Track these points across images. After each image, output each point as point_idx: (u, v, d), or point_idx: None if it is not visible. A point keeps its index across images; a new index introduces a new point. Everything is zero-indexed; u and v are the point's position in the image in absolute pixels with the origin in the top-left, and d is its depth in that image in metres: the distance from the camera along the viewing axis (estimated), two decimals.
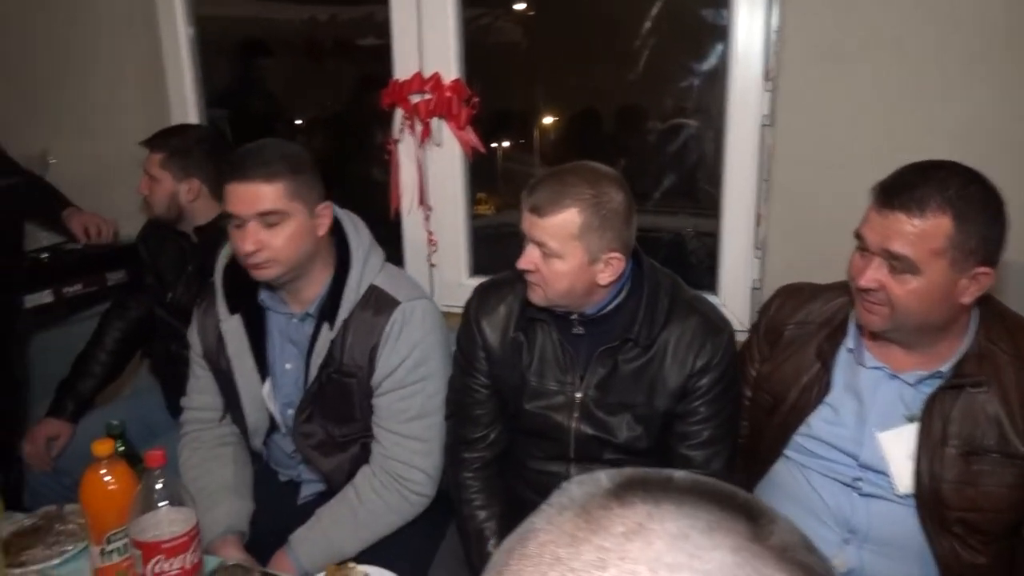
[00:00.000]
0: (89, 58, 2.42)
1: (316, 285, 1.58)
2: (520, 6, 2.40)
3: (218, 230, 2.01)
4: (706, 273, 2.09)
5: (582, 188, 1.35)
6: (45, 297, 2.08)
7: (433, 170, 2.19)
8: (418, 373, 1.57)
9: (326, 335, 1.55)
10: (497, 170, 2.57)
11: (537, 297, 1.45)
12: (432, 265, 2.28)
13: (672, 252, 2.28)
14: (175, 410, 2.16)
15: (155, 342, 2.20)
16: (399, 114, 2.14)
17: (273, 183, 1.44)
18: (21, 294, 1.95)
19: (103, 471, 1.25)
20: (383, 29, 2.16)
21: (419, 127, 2.14)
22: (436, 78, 2.08)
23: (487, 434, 1.60)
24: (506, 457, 1.63)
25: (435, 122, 2.12)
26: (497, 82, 2.38)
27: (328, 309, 1.57)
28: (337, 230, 1.61)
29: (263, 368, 1.64)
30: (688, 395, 1.47)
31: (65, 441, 2.06)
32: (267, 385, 1.64)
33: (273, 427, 1.70)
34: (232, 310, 1.63)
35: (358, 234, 1.62)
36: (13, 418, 2.06)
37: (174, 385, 2.13)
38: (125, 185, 2.47)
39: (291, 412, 1.67)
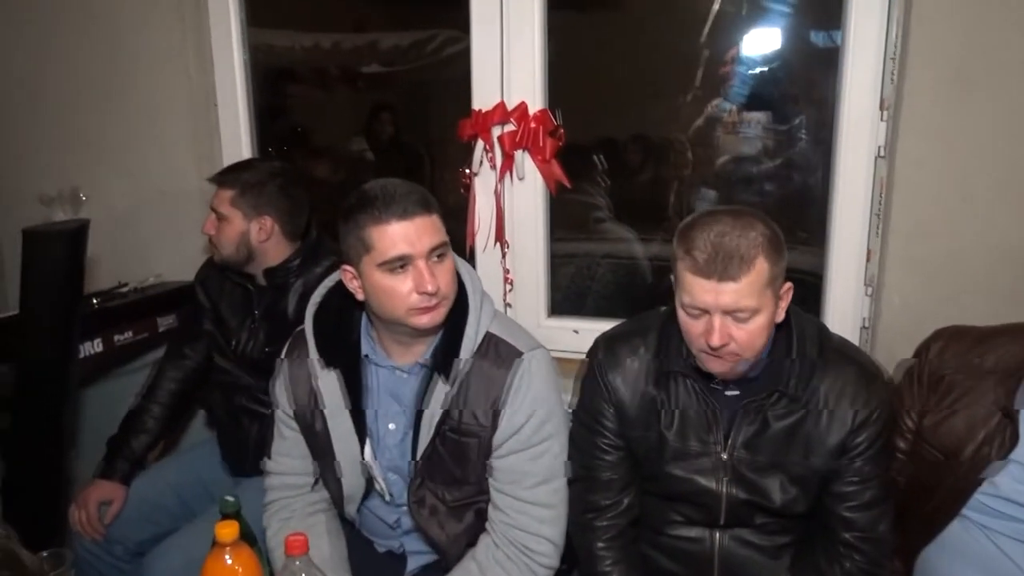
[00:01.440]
0: (130, 91, 2.26)
1: (431, 335, 1.43)
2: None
3: (288, 272, 1.86)
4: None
5: (752, 232, 1.23)
6: (95, 346, 1.90)
7: (512, 204, 2.06)
8: (544, 431, 1.42)
9: (441, 389, 1.40)
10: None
11: (725, 367, 1.30)
12: (508, 305, 2.13)
13: None
14: (234, 468, 1.99)
15: (214, 393, 2.02)
16: (480, 146, 2.01)
17: (434, 214, 1.34)
18: (77, 343, 1.77)
19: (228, 557, 1.09)
20: (387, 57, 2.03)
21: (499, 160, 2.01)
22: (522, 108, 1.96)
23: (620, 499, 1.45)
24: (638, 523, 1.47)
25: (518, 154, 1.99)
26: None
27: (442, 360, 1.41)
28: None
29: (362, 428, 1.48)
30: (847, 452, 1.34)
31: (119, 507, 1.87)
32: (368, 447, 1.48)
33: (367, 493, 1.54)
34: (327, 363, 1.47)
35: (471, 276, 1.48)
36: (60, 481, 1.86)
37: (234, 440, 1.96)
38: (164, 222, 2.33)
39: (394, 477, 1.50)
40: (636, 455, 1.44)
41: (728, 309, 1.24)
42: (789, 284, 1.30)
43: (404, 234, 1.31)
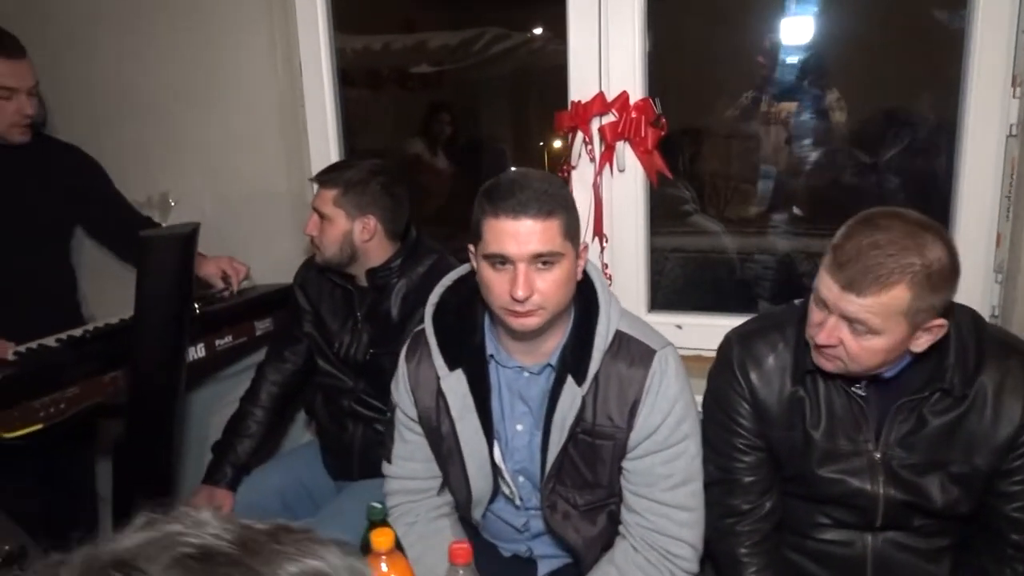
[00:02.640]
0: (221, 94, 2.25)
1: (558, 334, 1.39)
2: None
3: (390, 272, 1.83)
4: None
5: (909, 258, 1.14)
6: (198, 351, 1.89)
7: (611, 197, 2.00)
8: (681, 432, 1.36)
9: (572, 391, 1.35)
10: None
11: (833, 367, 1.26)
12: None
13: None
14: (337, 471, 1.98)
15: (315, 396, 2.00)
16: (579, 138, 1.96)
17: (551, 220, 1.25)
18: (187, 349, 1.76)
19: (384, 565, 1.05)
20: (435, 57, 1.98)
21: (598, 152, 1.96)
22: (623, 98, 1.90)
23: (762, 503, 1.38)
24: (781, 527, 1.41)
25: (619, 146, 1.93)
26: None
27: (572, 360, 1.36)
28: None
29: (489, 430, 1.43)
30: (1016, 449, 1.26)
31: (227, 512, 1.85)
32: (496, 449, 1.44)
33: (493, 496, 1.50)
34: (451, 365, 1.43)
35: (598, 273, 1.43)
36: (169, 487, 1.86)
37: (337, 444, 1.94)
38: (253, 225, 2.31)
39: (522, 479, 1.46)
40: (778, 456, 1.38)
41: (846, 316, 1.18)
42: (943, 322, 1.20)
43: (511, 233, 1.26)
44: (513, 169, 1.34)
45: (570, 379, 1.35)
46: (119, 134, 2.35)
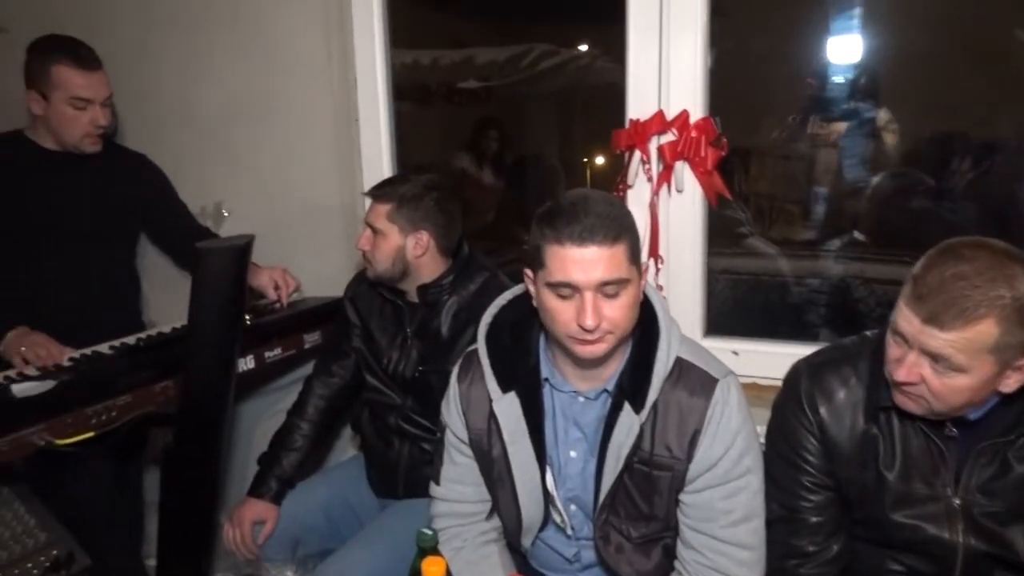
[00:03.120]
0: (276, 106, 2.26)
1: (617, 359, 1.34)
2: None
3: (441, 289, 1.81)
4: None
5: (997, 290, 1.08)
6: (247, 363, 1.89)
7: (667, 218, 1.95)
8: (743, 465, 1.31)
9: (630, 418, 1.30)
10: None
11: (917, 408, 1.19)
12: None
13: None
14: (381, 489, 1.95)
15: (362, 412, 1.98)
16: (636, 157, 1.92)
17: (617, 245, 1.22)
18: (237, 360, 1.76)
19: None
20: (483, 72, 1.94)
21: (656, 171, 1.91)
22: (684, 117, 1.85)
23: (828, 545, 1.32)
24: (849, 572, 1.34)
25: (677, 165, 1.89)
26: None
27: (630, 387, 1.32)
28: None
29: (542, 455, 1.39)
30: None
31: (272, 527, 1.85)
32: (549, 476, 1.40)
33: (543, 524, 1.45)
34: (505, 387, 1.39)
35: (658, 297, 1.38)
36: (215, 498, 1.86)
37: (383, 461, 1.92)
38: (305, 238, 2.32)
39: (573, 508, 1.42)
40: (847, 496, 1.31)
41: (928, 351, 1.12)
42: None
43: (577, 261, 1.21)
44: (573, 191, 1.29)
45: (627, 406, 1.31)
46: (175, 144, 2.38)
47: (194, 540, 1.88)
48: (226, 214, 2.39)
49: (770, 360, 1.90)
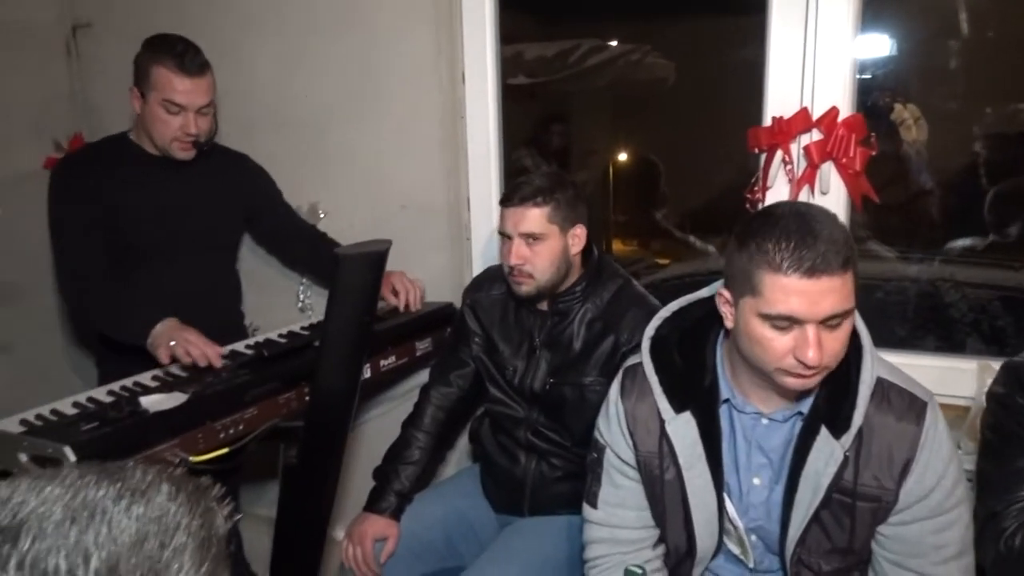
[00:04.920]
0: (380, 104, 2.17)
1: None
2: None
3: (573, 297, 1.71)
4: None
5: None
6: (365, 372, 1.80)
7: None
8: (956, 496, 1.19)
9: (829, 445, 1.19)
10: None
11: None
12: None
13: None
14: (500, 505, 1.86)
15: (482, 423, 1.89)
16: (777, 158, 1.80)
17: (847, 274, 1.11)
18: (362, 370, 1.67)
19: None
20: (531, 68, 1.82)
21: (799, 172, 1.80)
22: (832, 114, 1.73)
23: None
24: None
25: (823, 166, 1.77)
26: None
27: (828, 409, 1.21)
28: None
29: (719, 481, 1.29)
30: None
31: (394, 545, 1.76)
32: (729, 503, 1.29)
33: (714, 554, 1.35)
34: (678, 407, 1.29)
35: (856, 312, 1.27)
36: (329, 511, 1.77)
37: (506, 477, 1.82)
38: (407, 239, 2.21)
39: (754, 538, 1.31)
40: None
41: None
42: None
43: (803, 293, 1.08)
44: (786, 204, 1.18)
45: (824, 431, 1.20)
46: (271, 142, 2.29)
47: (309, 557, 1.81)
48: (322, 215, 2.30)
49: (918, 374, 1.78)
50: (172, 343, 1.64)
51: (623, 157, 2.87)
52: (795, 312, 1.09)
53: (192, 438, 1.47)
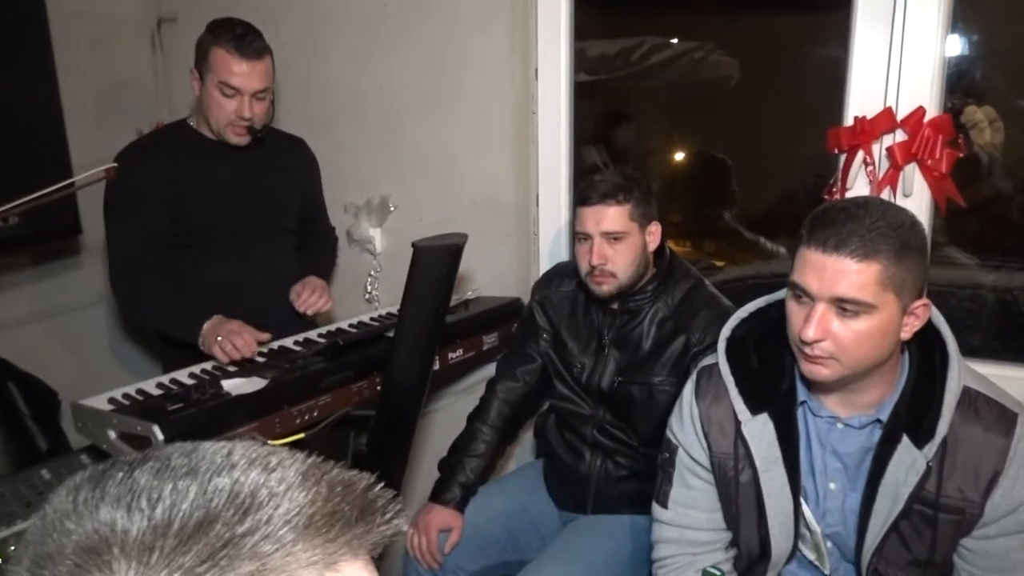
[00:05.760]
0: (454, 100, 2.19)
1: (879, 385, 1.21)
2: None
3: (644, 296, 1.70)
4: None
5: None
6: (434, 364, 1.82)
7: None
8: None
9: (910, 454, 1.16)
10: None
11: None
12: None
13: None
14: (564, 501, 1.86)
15: (547, 419, 1.90)
16: (858, 158, 1.76)
17: (869, 265, 1.10)
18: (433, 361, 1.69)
19: None
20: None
21: (880, 174, 1.75)
22: (918, 115, 1.69)
23: None
24: None
25: (907, 168, 1.73)
26: None
27: (909, 417, 1.18)
28: None
29: (796, 485, 1.27)
30: None
31: (458, 536, 1.78)
32: (806, 507, 1.27)
33: (788, 558, 1.33)
34: (755, 409, 1.27)
35: (940, 316, 1.23)
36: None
37: (570, 473, 1.83)
38: (477, 235, 2.22)
39: (830, 545, 1.29)
40: None
41: None
42: None
43: (816, 268, 1.11)
44: (857, 197, 1.18)
45: (906, 439, 1.17)
46: (345, 135, 2.34)
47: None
48: (392, 208, 2.34)
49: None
50: (219, 338, 1.67)
51: (680, 156, 2.83)
52: (806, 284, 1.12)
53: (270, 422, 1.51)
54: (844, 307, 1.10)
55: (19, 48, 1.96)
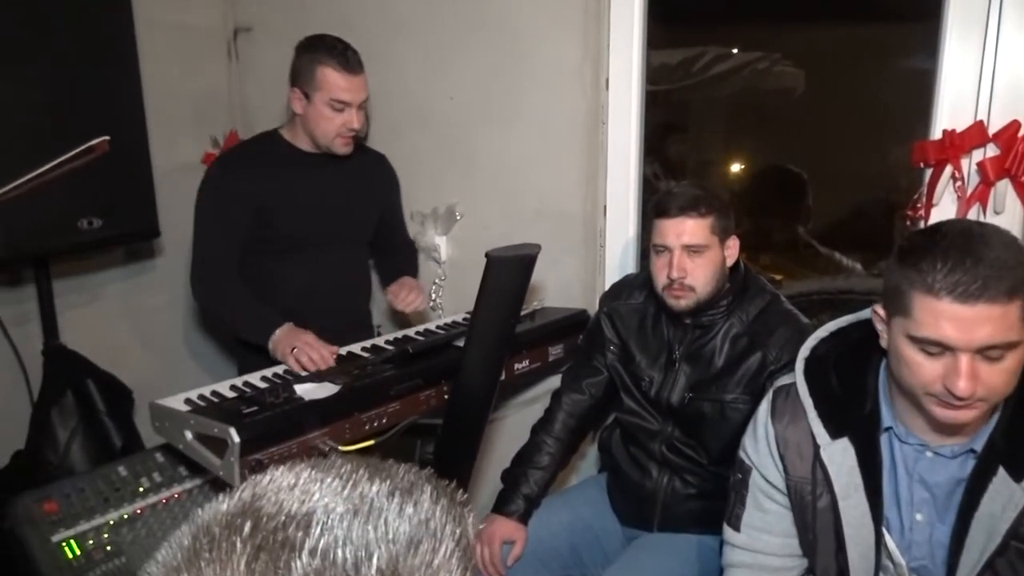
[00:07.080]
0: (523, 108, 2.19)
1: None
2: None
3: (717, 311, 1.66)
4: None
5: None
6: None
7: None
8: None
9: (1008, 488, 1.11)
10: None
11: None
12: None
13: None
14: (628, 517, 1.83)
15: (612, 433, 1.87)
16: (946, 173, 1.69)
17: (1012, 304, 1.02)
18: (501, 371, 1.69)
19: None
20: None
21: (970, 189, 1.68)
22: (1013, 128, 1.61)
23: None
24: None
25: (1000, 184, 1.65)
26: None
27: (1008, 449, 1.12)
28: None
29: (878, 514, 1.22)
30: None
31: (521, 549, 1.77)
32: (889, 539, 1.22)
33: None
34: (835, 432, 1.23)
35: None
36: None
37: (635, 489, 1.79)
38: (544, 245, 2.20)
39: None
40: None
41: None
42: None
43: (956, 320, 1.02)
44: (954, 222, 1.11)
45: (1002, 471, 1.11)
46: (415, 142, 2.36)
47: None
48: (459, 216, 2.35)
49: None
50: (295, 349, 1.72)
51: (742, 167, 2.78)
52: (946, 339, 1.03)
53: (340, 428, 1.53)
54: (990, 354, 1.04)
55: (109, 56, 2.04)
